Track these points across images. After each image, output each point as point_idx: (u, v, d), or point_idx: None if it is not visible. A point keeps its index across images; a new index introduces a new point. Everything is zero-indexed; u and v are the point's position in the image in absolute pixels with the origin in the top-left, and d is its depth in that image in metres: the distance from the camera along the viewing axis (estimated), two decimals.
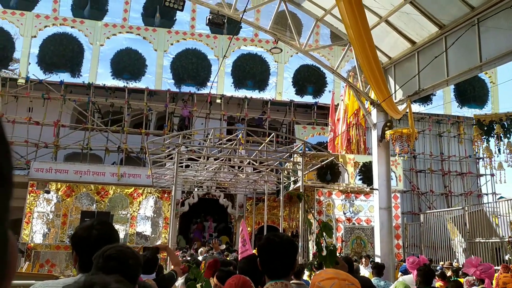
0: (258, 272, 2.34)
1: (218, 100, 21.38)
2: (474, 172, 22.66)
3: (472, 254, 13.74)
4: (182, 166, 16.06)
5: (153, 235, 18.08)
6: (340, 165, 15.13)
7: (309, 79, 21.65)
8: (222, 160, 14.58)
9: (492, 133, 10.22)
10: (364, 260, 11.58)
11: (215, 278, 3.22)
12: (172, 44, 20.91)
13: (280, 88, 21.67)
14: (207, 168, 15.73)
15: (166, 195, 18.35)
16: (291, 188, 15.91)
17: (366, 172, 14.98)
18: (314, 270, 3.45)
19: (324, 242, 2.67)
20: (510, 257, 12.64)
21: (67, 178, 17.51)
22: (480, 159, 22.35)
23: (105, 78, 20.14)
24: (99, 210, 17.72)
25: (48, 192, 17.38)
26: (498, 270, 8.07)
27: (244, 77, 21.25)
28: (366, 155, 15.86)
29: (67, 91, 20.03)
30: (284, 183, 15.19)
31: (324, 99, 21.47)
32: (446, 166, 22.48)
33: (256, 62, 21.43)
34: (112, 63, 20.21)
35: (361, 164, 15.31)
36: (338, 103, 18.09)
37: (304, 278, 5.59)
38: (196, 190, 18.91)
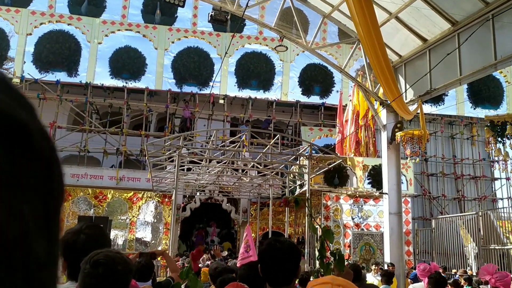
0: (259, 279, 2.31)
1: (221, 101, 21.37)
2: (489, 176, 22.55)
3: (485, 261, 13.65)
4: (183, 169, 16.06)
5: (153, 241, 18.07)
6: (348, 168, 15.08)
7: (316, 78, 21.62)
8: (225, 163, 14.56)
9: (506, 134, 10.16)
10: (374, 267, 11.52)
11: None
12: (173, 42, 20.94)
13: (286, 88, 21.64)
14: (209, 172, 15.71)
15: (166, 199, 18.34)
16: (297, 192, 15.87)
17: (375, 176, 14.93)
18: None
19: (330, 248, 2.64)
20: None
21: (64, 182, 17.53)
22: (495, 162, 22.25)
23: (103, 78, 20.18)
24: (97, 215, 17.73)
25: None
26: None
27: (248, 76, 21.25)
28: (375, 158, 15.81)
29: (64, 91, 20.09)
30: (290, 187, 15.16)
31: (332, 100, 21.43)
32: (459, 169, 22.38)
33: (261, 61, 21.42)
34: (110, 62, 20.25)
35: (370, 167, 15.27)
36: (346, 104, 18.05)
37: None
38: (198, 194, 18.89)
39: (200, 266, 8.52)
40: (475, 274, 10.94)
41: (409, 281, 10.13)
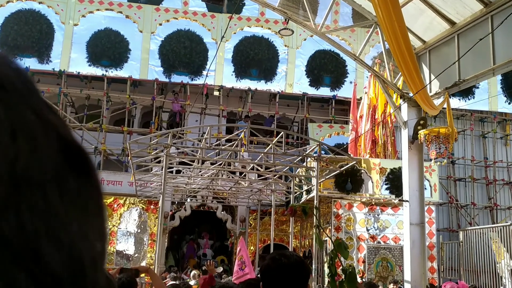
0: None
1: (216, 93, 21.37)
2: None
3: None
4: (172, 172, 16.07)
5: (136, 255, 18.10)
6: (363, 171, 15.09)
7: (326, 67, 21.62)
8: (221, 164, 14.58)
9: None
10: (392, 286, 11.53)
11: None
12: (160, 25, 20.94)
13: (291, 78, 21.65)
14: (202, 174, 15.70)
15: (152, 206, 18.36)
16: (303, 199, 15.89)
17: (394, 180, 14.94)
18: None
19: (342, 264, 2.63)
20: None
21: None
22: None
23: (79, 65, 20.18)
24: None
25: None
26: None
27: (247, 64, 21.25)
28: (394, 160, 15.82)
29: (34, 80, 20.07)
30: (295, 193, 15.18)
31: (344, 92, 21.44)
32: (491, 173, 22.38)
33: (262, 47, 21.42)
34: (88, 46, 20.25)
35: (388, 170, 15.27)
36: (361, 97, 18.05)
37: None
38: (188, 200, 18.90)
39: (191, 283, 8.52)
40: None
41: None
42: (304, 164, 13.87)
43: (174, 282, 7.41)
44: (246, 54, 21.22)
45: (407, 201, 11.27)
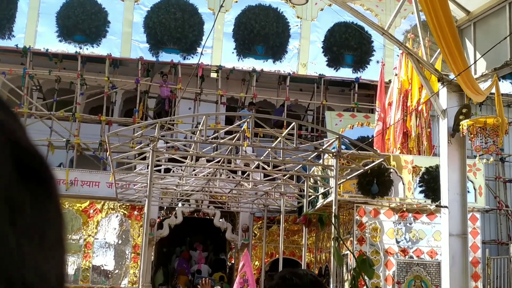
0: None
1: (214, 74, 21.33)
2: None
3: None
4: (159, 171, 16.03)
5: (117, 271, 18.14)
6: (392, 171, 15.04)
7: (347, 44, 21.54)
8: (219, 162, 14.54)
9: None
10: None
11: None
12: None
13: (305, 57, 21.58)
14: (196, 174, 15.66)
15: (136, 212, 18.38)
16: (319, 204, 15.86)
17: (430, 182, 14.88)
18: None
19: (366, 285, 2.59)
20: None
21: None
22: None
23: (48, 41, 20.17)
24: None
25: None
26: None
27: (251, 40, 21.19)
28: (430, 157, 15.75)
29: None
30: (310, 196, 15.14)
31: (370, 74, 21.37)
32: None
33: (270, 19, 21.35)
34: (58, 18, 20.23)
35: (423, 169, 15.22)
36: (390, 80, 17.96)
37: None
38: (180, 205, 18.90)
39: None
40: None
41: None
42: (321, 161, 13.80)
43: None
44: (250, 28, 21.15)
45: (446, 207, 11.21)
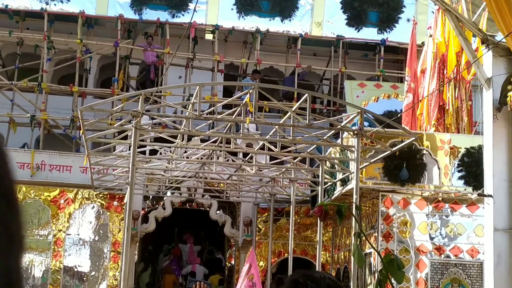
0: None
1: (209, 36, 21.27)
2: None
3: None
4: (144, 153, 16.01)
5: (93, 273, 18.21)
6: (425, 152, 15.01)
7: None
8: (216, 142, 14.50)
9: None
10: None
11: None
12: None
13: (320, 14, 21.49)
14: (188, 157, 15.64)
15: (116, 203, 18.41)
16: (337, 193, 15.87)
17: (471, 166, 14.86)
18: None
19: None
20: None
21: None
22: None
23: None
24: None
25: None
26: None
27: None
28: (471, 136, 15.72)
29: None
30: (325, 183, 15.16)
31: (398, 35, 21.29)
32: None
33: None
34: None
35: (463, 151, 15.18)
36: (423, 42, 17.89)
37: None
38: (169, 194, 18.92)
39: None
40: None
41: None
42: (339, 141, 13.78)
43: None
44: None
45: (490, 196, 11.21)
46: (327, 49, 22.19)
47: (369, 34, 21.61)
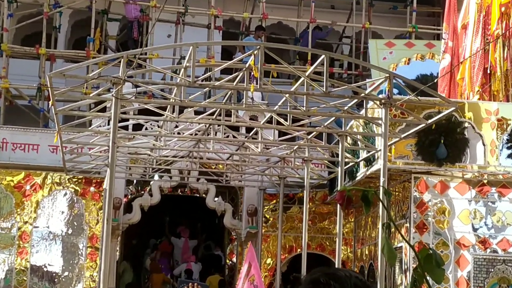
0: None
1: None
2: None
3: None
4: (126, 128, 16.00)
5: (66, 273, 18.28)
6: (467, 125, 15.00)
7: None
8: (213, 114, 14.46)
9: None
10: None
11: None
12: None
13: None
14: (180, 132, 15.64)
15: (93, 189, 18.45)
16: (360, 174, 15.89)
17: None
18: None
19: None
20: None
21: None
22: None
23: None
24: None
25: None
26: None
27: None
28: None
29: None
30: (346, 164, 15.18)
31: None
32: None
33: None
34: None
35: None
36: None
37: None
38: (156, 178, 18.95)
39: None
40: None
41: None
42: (362, 113, 13.77)
43: None
44: None
45: None
46: (347, 1, 22.15)
47: None
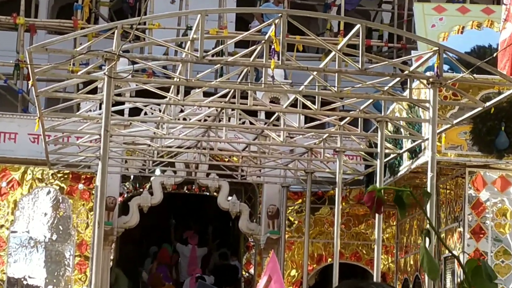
0: None
1: None
2: None
3: None
4: (122, 113, 16.00)
5: (50, 287, 18.32)
6: None
7: None
8: (226, 96, 14.44)
9: None
10: None
11: None
12: None
13: None
14: (186, 118, 15.64)
15: (82, 186, 18.51)
16: (404, 168, 15.87)
17: None
18: None
19: None
20: None
21: None
22: None
23: None
24: None
25: None
26: None
27: None
28: None
29: None
30: (387, 155, 15.20)
31: None
32: None
33: None
34: None
35: None
36: None
37: None
38: (158, 173, 18.97)
39: None
40: None
41: None
42: (406, 94, 13.74)
43: None
44: None
45: None
46: None
47: None
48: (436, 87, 12.12)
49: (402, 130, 15.40)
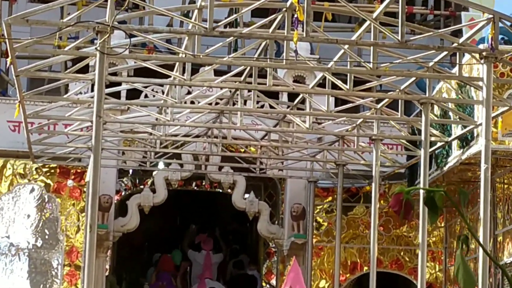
0: None
1: None
2: None
3: None
4: (118, 96, 16.06)
5: None
6: None
7: None
8: (240, 75, 14.45)
9: None
10: None
11: None
12: None
13: None
14: (193, 101, 15.73)
15: (71, 182, 18.55)
16: (453, 159, 15.93)
17: None
18: None
19: None
20: None
21: None
22: None
23: None
24: None
25: None
26: None
27: None
28: None
29: None
30: (433, 144, 15.21)
31: None
32: None
33: None
34: None
35: None
36: None
37: None
38: (161, 167, 19.03)
39: None
40: None
41: None
42: (455, 71, 13.81)
43: None
44: None
45: None
46: None
47: None
48: (490, 62, 12.06)
49: (450, 113, 15.43)
